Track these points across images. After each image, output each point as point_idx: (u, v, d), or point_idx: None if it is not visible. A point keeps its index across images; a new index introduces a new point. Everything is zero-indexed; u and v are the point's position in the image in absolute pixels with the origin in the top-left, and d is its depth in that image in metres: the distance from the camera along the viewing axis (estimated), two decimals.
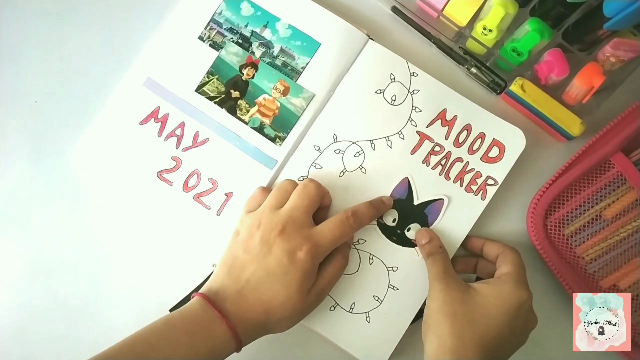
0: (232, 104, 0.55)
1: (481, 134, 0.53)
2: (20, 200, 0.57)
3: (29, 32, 0.58)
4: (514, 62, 0.53)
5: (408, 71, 0.54)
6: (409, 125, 0.54)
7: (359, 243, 0.53)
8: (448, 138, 0.54)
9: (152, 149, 0.55)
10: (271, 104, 0.54)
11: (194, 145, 0.55)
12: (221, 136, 0.54)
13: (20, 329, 0.55)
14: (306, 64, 0.54)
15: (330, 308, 0.53)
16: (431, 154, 0.54)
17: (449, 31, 0.55)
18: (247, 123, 0.54)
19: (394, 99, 0.54)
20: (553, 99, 0.52)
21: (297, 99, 0.54)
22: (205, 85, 0.55)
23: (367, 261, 0.53)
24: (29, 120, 0.57)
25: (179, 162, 0.55)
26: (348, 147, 0.54)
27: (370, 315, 0.53)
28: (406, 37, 0.56)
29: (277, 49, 0.55)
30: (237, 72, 0.55)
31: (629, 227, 0.51)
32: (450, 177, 0.53)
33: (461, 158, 0.53)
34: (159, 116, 0.56)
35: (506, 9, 0.49)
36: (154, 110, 0.56)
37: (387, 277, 0.53)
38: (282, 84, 0.54)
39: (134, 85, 0.56)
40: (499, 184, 0.53)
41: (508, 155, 0.53)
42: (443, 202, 0.52)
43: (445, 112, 0.54)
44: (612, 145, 0.51)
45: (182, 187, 0.55)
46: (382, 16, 0.56)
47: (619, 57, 0.49)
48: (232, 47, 0.55)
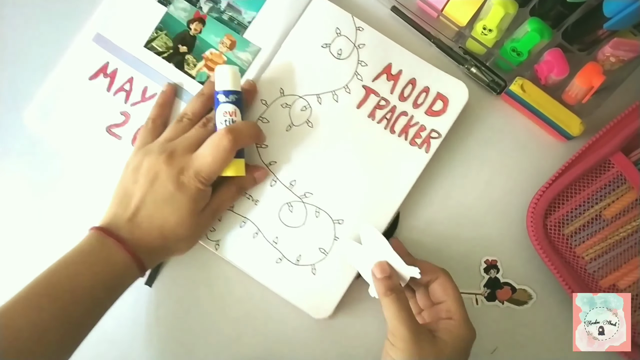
0: (179, 58, 0.55)
1: (425, 88, 0.54)
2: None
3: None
4: (514, 62, 0.53)
5: (354, 26, 0.54)
6: (355, 79, 0.54)
7: (305, 196, 0.54)
8: (393, 92, 0.54)
9: (102, 104, 0.55)
10: (218, 58, 0.55)
11: (142, 100, 0.55)
12: None
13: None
14: (252, 19, 0.55)
15: (276, 261, 0.53)
16: (377, 108, 0.54)
17: (448, 31, 0.54)
18: (194, 77, 0.55)
19: (340, 53, 0.54)
20: (553, 99, 0.52)
21: (244, 53, 0.55)
22: (154, 41, 0.55)
23: (314, 214, 0.54)
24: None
25: (128, 116, 0.55)
26: (295, 101, 0.54)
27: (316, 267, 0.53)
28: (406, 37, 0.56)
29: (224, 4, 0.55)
30: (185, 28, 0.55)
31: (629, 226, 0.51)
32: (395, 130, 0.54)
33: (406, 112, 0.54)
34: (108, 71, 0.56)
35: (506, 9, 0.49)
36: (103, 66, 0.56)
37: (333, 229, 0.54)
38: (228, 38, 0.55)
39: (83, 42, 0.56)
40: (443, 136, 0.53)
41: (451, 109, 0.53)
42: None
43: (391, 67, 0.54)
44: (612, 145, 0.51)
45: (130, 141, 0.55)
46: (382, 16, 0.56)
47: (619, 57, 0.49)
48: (180, 2, 0.55)
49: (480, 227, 0.55)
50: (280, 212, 0.54)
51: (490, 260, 0.54)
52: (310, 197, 0.54)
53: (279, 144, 0.54)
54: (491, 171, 0.55)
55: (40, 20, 0.58)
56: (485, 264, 0.54)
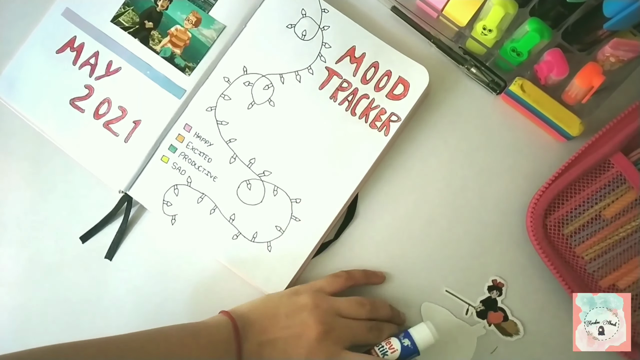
0: (145, 34, 0.55)
1: (388, 71, 0.54)
2: None
3: None
4: (514, 62, 0.53)
5: (319, 7, 0.55)
6: (318, 60, 0.55)
7: (264, 175, 0.54)
8: (356, 75, 0.55)
9: (67, 77, 0.56)
10: (182, 35, 0.55)
11: (106, 74, 0.56)
12: (133, 65, 0.55)
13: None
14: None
15: (233, 237, 0.54)
16: (339, 90, 0.55)
17: (448, 31, 0.54)
18: (158, 53, 0.55)
19: (305, 34, 0.55)
20: (553, 99, 0.52)
21: (208, 30, 0.55)
22: (121, 16, 0.56)
23: (272, 192, 0.54)
24: None
25: (92, 90, 0.56)
26: (257, 80, 0.55)
27: (271, 244, 0.53)
28: (406, 37, 0.56)
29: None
30: (152, 4, 0.56)
31: (629, 226, 0.51)
32: (356, 113, 0.54)
33: (367, 95, 0.54)
34: (75, 45, 0.56)
35: (506, 9, 0.49)
36: (71, 40, 0.56)
37: (290, 208, 0.54)
38: (194, 15, 0.55)
39: (53, 16, 0.57)
40: (402, 120, 0.54)
41: (412, 93, 0.54)
42: None
43: (355, 49, 0.55)
44: (612, 145, 0.51)
45: (93, 114, 0.55)
46: (382, 16, 0.56)
47: (619, 57, 0.49)
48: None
49: (480, 227, 0.54)
50: (239, 189, 0.54)
51: (498, 281, 0.53)
52: (268, 175, 0.54)
53: (240, 121, 0.54)
54: (491, 171, 0.55)
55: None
56: (492, 282, 0.54)
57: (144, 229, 0.56)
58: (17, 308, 0.56)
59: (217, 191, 0.54)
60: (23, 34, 0.57)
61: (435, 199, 0.55)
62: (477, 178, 0.55)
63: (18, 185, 0.57)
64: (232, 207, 0.54)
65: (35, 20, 0.57)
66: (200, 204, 0.54)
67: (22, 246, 0.56)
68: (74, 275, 0.56)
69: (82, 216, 0.56)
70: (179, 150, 0.54)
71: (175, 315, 0.53)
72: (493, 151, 0.55)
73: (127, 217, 0.55)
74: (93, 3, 0.56)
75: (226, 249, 0.53)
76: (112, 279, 0.56)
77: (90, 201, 0.56)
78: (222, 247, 0.53)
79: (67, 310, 0.55)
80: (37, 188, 0.57)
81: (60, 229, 0.56)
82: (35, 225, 0.57)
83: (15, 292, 0.56)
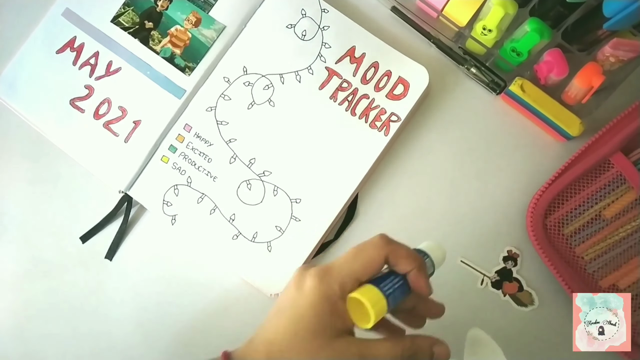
0: (145, 34, 0.55)
1: (388, 71, 0.54)
2: None
3: None
4: (514, 62, 0.53)
5: (319, 7, 0.55)
6: (318, 60, 0.55)
7: (264, 175, 0.54)
8: (356, 75, 0.55)
9: (67, 77, 0.56)
10: (182, 35, 0.55)
11: (106, 74, 0.56)
12: (133, 66, 0.55)
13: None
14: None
15: (233, 237, 0.54)
16: (339, 90, 0.55)
17: (448, 31, 0.54)
18: (158, 53, 0.55)
19: (305, 34, 0.55)
20: (552, 99, 0.52)
21: (208, 30, 0.55)
22: (121, 16, 0.56)
23: (272, 192, 0.54)
24: None
25: (92, 90, 0.56)
26: (257, 80, 0.55)
27: (271, 244, 0.53)
28: (406, 37, 0.56)
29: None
30: (152, 4, 0.56)
31: (629, 226, 0.51)
32: (356, 113, 0.54)
33: (367, 95, 0.54)
34: (75, 45, 0.56)
35: (506, 9, 0.48)
36: (71, 40, 0.57)
37: (290, 208, 0.54)
38: (194, 15, 0.55)
39: (53, 16, 0.57)
40: (402, 120, 0.54)
41: (412, 93, 0.54)
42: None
43: (354, 49, 0.55)
44: (612, 145, 0.51)
45: (93, 114, 0.55)
46: (382, 16, 0.56)
47: (619, 57, 0.49)
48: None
49: (480, 227, 0.54)
50: (239, 189, 0.54)
51: (513, 252, 0.54)
52: (269, 175, 0.54)
53: (240, 121, 0.54)
54: (491, 171, 0.55)
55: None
56: (507, 253, 0.54)
57: (144, 229, 0.56)
58: (17, 308, 0.56)
59: (217, 191, 0.54)
60: (23, 34, 0.57)
61: (435, 199, 0.55)
62: (477, 178, 0.55)
63: (18, 186, 0.57)
64: (232, 207, 0.54)
65: (35, 21, 0.57)
66: (201, 204, 0.54)
67: (22, 246, 0.56)
68: (74, 275, 0.56)
69: (82, 216, 0.56)
70: (179, 150, 0.54)
71: (175, 316, 0.53)
72: (493, 151, 0.55)
73: (127, 217, 0.55)
74: (93, 3, 0.56)
75: (226, 249, 0.53)
76: (112, 279, 0.56)
77: (90, 201, 0.56)
78: (222, 248, 0.53)
79: (67, 310, 0.56)
80: (37, 188, 0.57)
81: (60, 229, 0.56)
82: (35, 225, 0.57)
83: (16, 292, 0.56)
